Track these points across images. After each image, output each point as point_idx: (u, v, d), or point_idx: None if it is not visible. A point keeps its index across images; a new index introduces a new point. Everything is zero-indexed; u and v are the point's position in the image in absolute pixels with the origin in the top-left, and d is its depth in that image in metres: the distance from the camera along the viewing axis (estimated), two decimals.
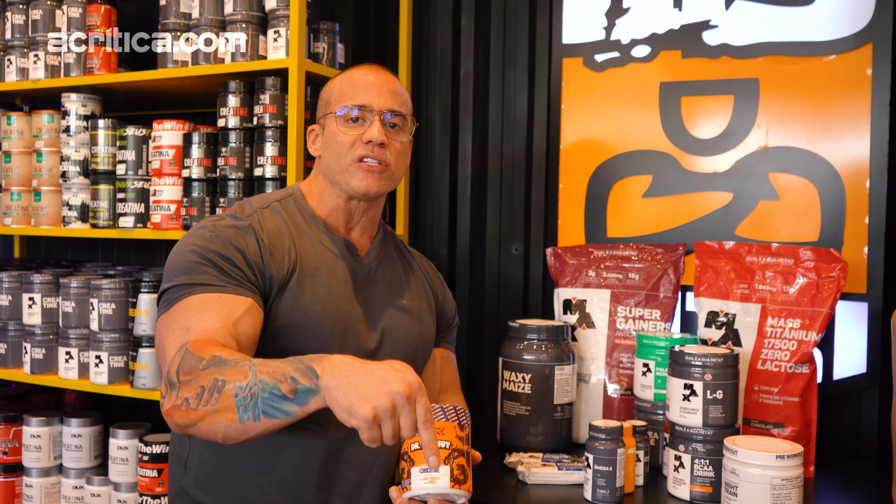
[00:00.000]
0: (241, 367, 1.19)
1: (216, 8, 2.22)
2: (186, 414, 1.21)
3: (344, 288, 1.53)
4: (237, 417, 1.18)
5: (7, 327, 2.51)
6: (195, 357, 1.22)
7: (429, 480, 1.28)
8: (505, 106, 2.44)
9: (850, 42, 2.02)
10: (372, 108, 1.52)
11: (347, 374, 1.13)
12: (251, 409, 1.17)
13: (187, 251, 1.42)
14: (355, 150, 1.51)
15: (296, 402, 1.16)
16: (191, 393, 1.21)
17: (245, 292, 1.40)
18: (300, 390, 1.15)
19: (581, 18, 2.30)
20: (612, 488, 1.58)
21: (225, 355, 1.22)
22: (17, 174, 2.55)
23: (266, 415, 1.17)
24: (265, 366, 1.18)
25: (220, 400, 1.18)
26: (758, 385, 1.86)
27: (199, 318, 1.33)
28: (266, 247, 1.45)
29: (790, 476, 1.47)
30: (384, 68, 1.61)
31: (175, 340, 1.31)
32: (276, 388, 1.16)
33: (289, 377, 1.16)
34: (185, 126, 2.25)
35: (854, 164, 2.02)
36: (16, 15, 2.55)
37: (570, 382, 1.92)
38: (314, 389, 1.14)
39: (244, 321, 1.36)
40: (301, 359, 1.18)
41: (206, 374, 1.20)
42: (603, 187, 2.27)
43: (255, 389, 1.17)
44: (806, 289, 1.87)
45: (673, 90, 2.20)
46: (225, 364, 1.20)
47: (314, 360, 1.17)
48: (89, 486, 2.44)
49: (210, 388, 1.19)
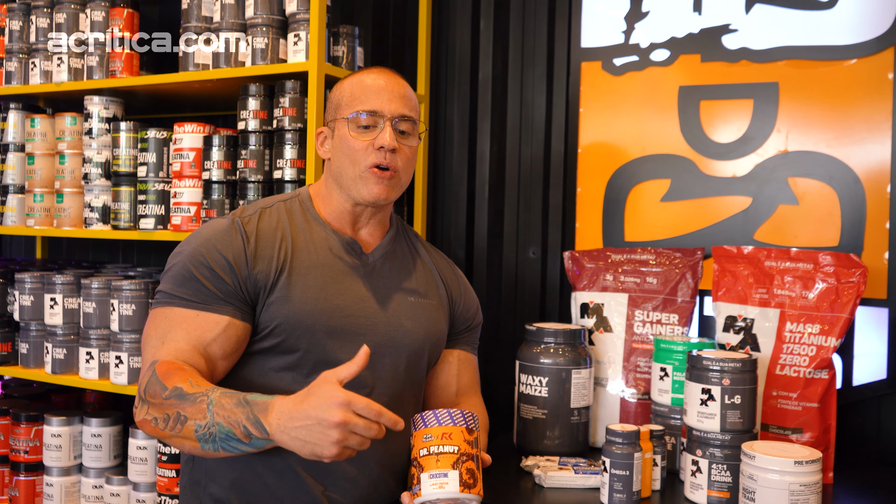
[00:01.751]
0: (200, 404, 1.32)
1: (237, 11, 2.24)
2: (154, 430, 1.38)
3: (342, 286, 1.55)
4: (199, 447, 1.34)
5: (29, 327, 2.54)
6: (159, 384, 1.36)
7: (438, 486, 1.29)
8: (523, 109, 2.44)
9: (872, 46, 2.01)
10: (383, 114, 1.54)
11: (293, 426, 1.25)
12: (211, 444, 1.33)
13: (180, 258, 1.51)
14: (367, 156, 1.53)
15: (251, 446, 1.31)
16: (158, 415, 1.36)
17: (223, 309, 1.47)
18: (254, 439, 1.30)
19: (600, 22, 2.30)
20: (629, 493, 1.57)
21: (185, 388, 1.34)
22: (39, 176, 2.59)
23: (225, 450, 1.33)
24: (221, 407, 1.31)
25: (183, 431, 1.34)
26: (776, 390, 1.85)
27: (174, 335, 1.45)
28: (252, 248, 1.50)
29: (809, 482, 1.46)
30: (393, 71, 1.62)
31: (150, 350, 1.46)
32: (231, 433, 1.30)
33: (241, 426, 1.30)
34: (205, 129, 2.27)
35: (875, 169, 2.01)
36: (40, 18, 2.59)
37: (586, 386, 1.92)
38: (267, 440, 1.29)
39: (215, 344, 1.46)
40: (250, 404, 1.31)
41: (169, 405, 1.34)
42: (621, 191, 2.27)
43: (213, 430, 1.31)
44: (825, 294, 1.85)
45: (692, 94, 2.19)
46: (185, 399, 1.33)
47: (261, 409, 1.29)
48: (109, 485, 2.47)
49: (174, 419, 1.34)
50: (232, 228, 1.52)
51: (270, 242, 1.52)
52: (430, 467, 1.31)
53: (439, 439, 1.33)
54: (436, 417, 1.35)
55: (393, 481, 1.59)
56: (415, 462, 1.34)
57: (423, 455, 1.33)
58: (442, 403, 1.71)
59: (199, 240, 1.51)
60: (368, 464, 1.53)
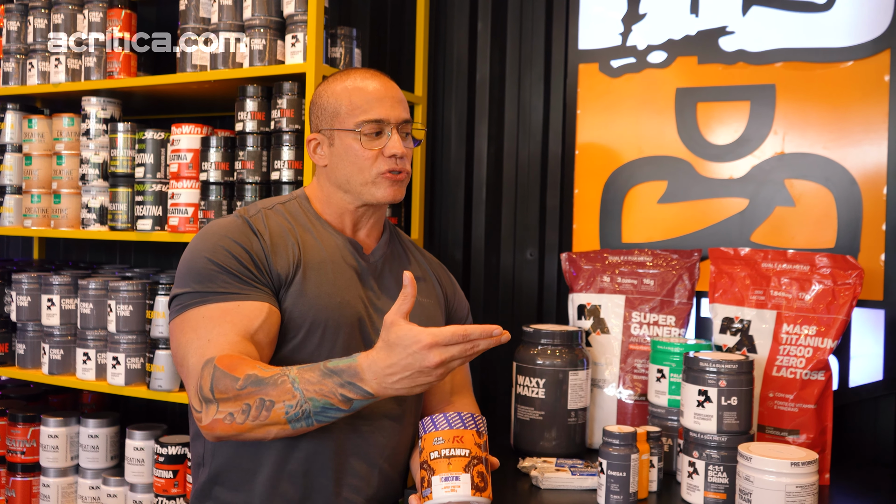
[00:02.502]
0: (284, 385, 1.31)
1: (235, 13, 2.24)
2: (231, 426, 1.33)
3: (350, 283, 1.56)
4: (289, 427, 1.32)
5: (26, 328, 2.53)
6: (229, 377, 1.32)
7: (450, 489, 1.29)
8: (521, 111, 2.44)
9: (868, 48, 2.01)
10: (389, 122, 1.55)
11: (395, 380, 1.27)
12: (304, 420, 1.32)
13: (199, 256, 1.46)
14: (379, 164, 1.55)
15: (350, 410, 1.32)
16: (235, 409, 1.32)
17: (261, 296, 1.44)
18: (355, 402, 1.31)
19: (597, 24, 2.30)
20: (626, 494, 1.57)
21: (259, 373, 1.32)
22: (37, 176, 2.58)
23: (319, 421, 1.33)
24: (308, 382, 1.31)
25: (270, 417, 1.31)
26: (773, 392, 1.86)
27: (220, 330, 1.40)
28: (268, 244, 1.49)
29: (805, 483, 1.46)
30: (383, 74, 1.62)
31: (196, 352, 1.38)
32: (328, 404, 1.31)
33: (338, 395, 1.30)
34: (203, 130, 2.27)
35: (871, 171, 2.01)
36: (38, 19, 2.58)
37: (583, 387, 1.92)
38: (369, 398, 1.31)
39: (262, 331, 1.43)
40: (336, 372, 1.31)
41: (248, 394, 1.31)
42: (618, 193, 2.27)
43: (306, 407, 1.31)
44: (822, 295, 1.86)
45: (689, 96, 2.20)
46: (265, 384, 1.31)
47: (351, 374, 1.30)
48: (105, 486, 2.46)
49: (258, 406, 1.31)
50: (244, 225, 1.51)
51: (283, 240, 1.52)
52: (442, 470, 1.31)
53: (450, 442, 1.32)
54: (446, 420, 1.35)
55: (398, 478, 1.61)
56: (424, 465, 1.34)
57: (434, 458, 1.33)
58: (437, 400, 1.72)
59: (214, 237, 1.49)
60: (378, 462, 1.54)
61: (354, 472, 1.52)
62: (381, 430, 1.54)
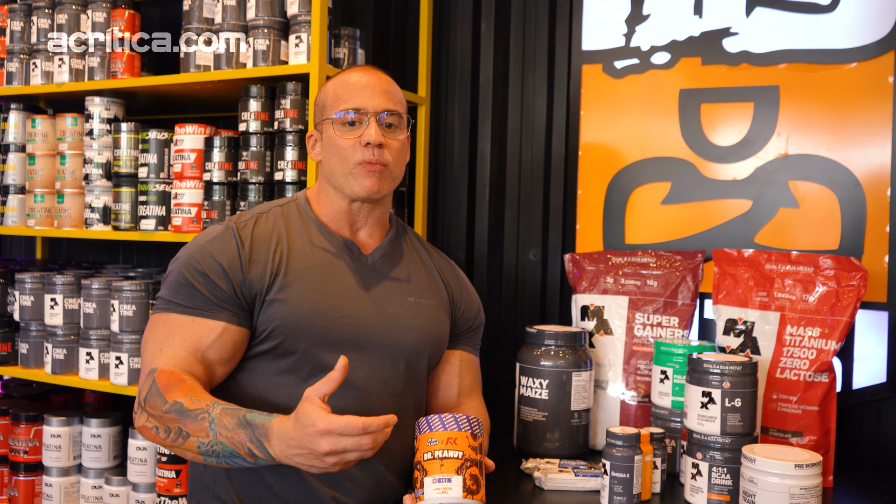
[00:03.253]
0: (202, 422, 1.34)
1: (238, 13, 2.24)
2: (155, 438, 1.41)
3: (341, 287, 1.55)
4: (202, 459, 1.37)
5: (29, 328, 2.54)
6: (160, 396, 1.38)
7: (442, 490, 1.29)
8: (524, 111, 2.44)
9: (872, 50, 2.01)
10: (367, 111, 1.55)
11: (292, 454, 1.28)
12: (214, 458, 1.36)
13: (177, 264, 1.52)
14: (355, 153, 1.54)
15: (256, 464, 1.35)
16: (159, 425, 1.39)
17: (219, 315, 1.48)
18: (259, 459, 1.32)
19: (601, 25, 2.30)
20: (629, 495, 1.57)
21: (185, 403, 1.36)
22: (40, 176, 2.59)
23: (228, 464, 1.37)
24: (223, 427, 1.33)
25: (185, 445, 1.36)
26: (776, 393, 1.85)
27: (171, 342, 1.46)
28: (247, 252, 1.51)
29: (809, 485, 1.46)
30: (376, 68, 1.63)
31: (148, 356, 1.48)
32: (235, 453, 1.33)
33: (245, 447, 1.32)
34: (206, 130, 2.27)
35: (875, 173, 2.01)
36: (41, 19, 2.59)
37: (587, 389, 1.92)
38: (271, 461, 1.32)
39: (212, 350, 1.47)
40: (252, 425, 1.32)
41: (170, 419, 1.37)
42: (621, 194, 2.27)
43: (216, 448, 1.34)
44: (825, 297, 1.86)
45: (693, 97, 2.19)
46: (186, 416, 1.35)
47: (262, 433, 1.31)
48: (108, 486, 2.47)
49: (176, 433, 1.37)
50: (226, 234, 1.53)
51: (265, 246, 1.53)
52: (434, 472, 1.31)
53: (444, 444, 1.33)
54: (441, 422, 1.35)
55: (397, 481, 1.60)
56: (418, 466, 1.34)
57: (427, 459, 1.33)
58: (443, 404, 1.71)
59: (194, 246, 1.53)
60: (373, 465, 1.53)
61: (347, 474, 1.51)
62: None
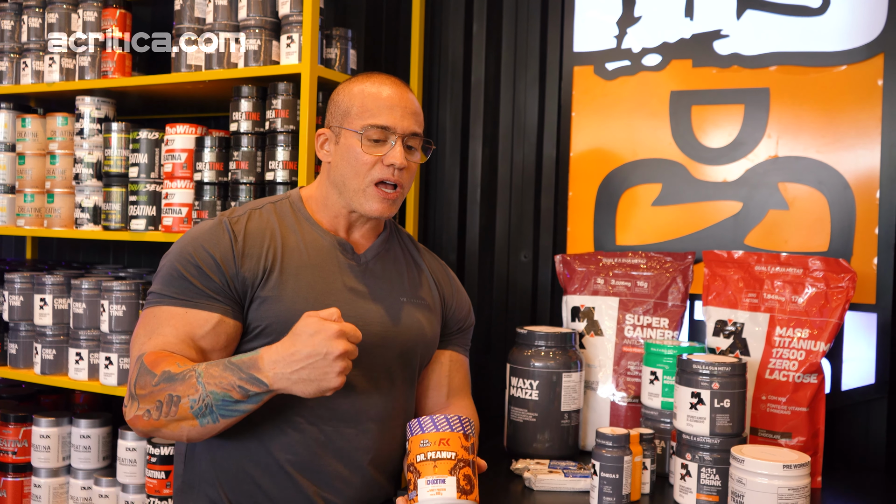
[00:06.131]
0: (189, 380, 1.34)
1: (230, 13, 2.24)
2: (149, 423, 1.38)
3: (333, 286, 1.55)
4: (197, 423, 1.35)
5: (18, 328, 2.52)
6: (149, 374, 1.37)
7: (435, 492, 1.29)
8: (515, 113, 2.45)
9: (862, 52, 2.02)
10: (395, 130, 1.54)
11: (293, 370, 1.30)
12: (209, 415, 1.34)
13: (170, 258, 1.51)
14: (374, 170, 1.54)
15: (250, 403, 1.34)
16: (150, 405, 1.37)
17: (213, 306, 1.47)
18: (252, 395, 1.33)
19: (592, 27, 2.31)
20: (619, 496, 1.58)
21: (173, 370, 1.36)
22: (30, 176, 2.58)
23: (224, 417, 1.35)
24: (210, 376, 1.34)
25: (179, 412, 1.35)
26: (765, 394, 1.86)
27: (161, 331, 1.45)
28: (240, 248, 1.50)
29: (797, 486, 1.46)
30: (404, 84, 1.61)
31: (137, 347, 1.46)
32: (227, 397, 1.33)
33: (236, 386, 1.32)
34: (197, 130, 2.27)
35: (864, 175, 2.02)
36: (32, 18, 2.58)
37: (577, 389, 1.93)
38: (267, 391, 1.33)
39: (206, 339, 1.46)
40: (238, 365, 1.34)
41: (160, 391, 1.36)
42: (612, 195, 2.28)
43: (208, 400, 1.34)
44: (815, 299, 1.86)
45: (683, 99, 2.20)
46: (174, 379, 1.35)
47: (250, 365, 1.33)
48: (97, 486, 2.46)
49: (167, 402, 1.35)
50: (220, 228, 1.52)
51: (259, 242, 1.52)
52: (428, 473, 1.31)
53: (437, 445, 1.32)
54: (433, 423, 1.35)
55: (386, 481, 1.59)
56: (411, 467, 1.34)
57: (420, 461, 1.33)
58: (433, 403, 1.71)
59: (187, 239, 1.52)
60: (361, 464, 1.53)
61: (336, 474, 1.51)
62: (366, 432, 1.54)
